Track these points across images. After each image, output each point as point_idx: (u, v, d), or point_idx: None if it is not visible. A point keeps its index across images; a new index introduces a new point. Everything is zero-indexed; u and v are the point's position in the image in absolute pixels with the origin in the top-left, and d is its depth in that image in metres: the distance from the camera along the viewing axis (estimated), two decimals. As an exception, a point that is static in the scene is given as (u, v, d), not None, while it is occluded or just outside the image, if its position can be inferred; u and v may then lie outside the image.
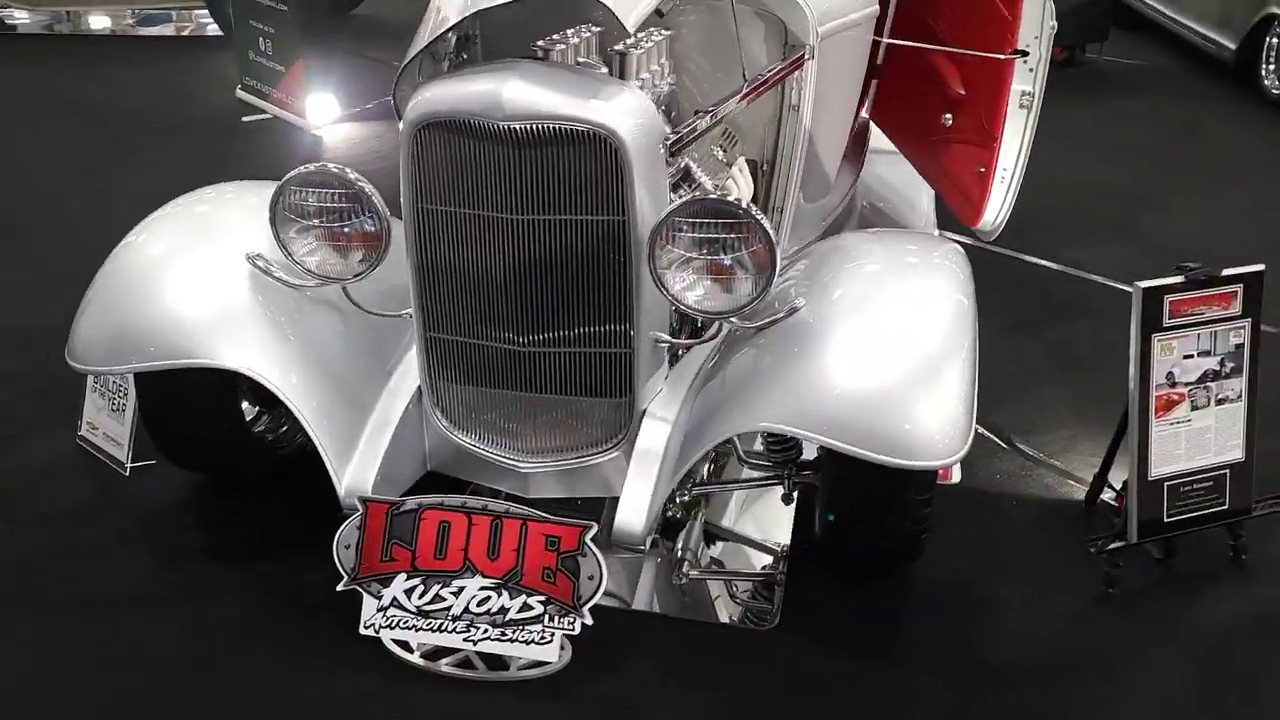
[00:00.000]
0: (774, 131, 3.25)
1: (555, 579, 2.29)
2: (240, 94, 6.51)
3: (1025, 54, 3.59)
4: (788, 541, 2.76)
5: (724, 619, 2.63)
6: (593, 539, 2.31)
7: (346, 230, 2.55)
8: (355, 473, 2.55)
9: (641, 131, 2.38)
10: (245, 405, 2.81)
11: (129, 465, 2.96)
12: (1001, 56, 3.51)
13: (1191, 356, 2.47)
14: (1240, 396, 2.53)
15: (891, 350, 2.30)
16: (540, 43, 2.54)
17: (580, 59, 2.57)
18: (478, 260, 2.46)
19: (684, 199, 2.38)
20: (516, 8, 2.43)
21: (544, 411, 2.61)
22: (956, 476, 3.05)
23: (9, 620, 2.51)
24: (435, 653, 2.32)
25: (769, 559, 2.80)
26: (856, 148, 4.50)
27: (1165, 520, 2.53)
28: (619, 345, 2.52)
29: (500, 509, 2.35)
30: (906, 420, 2.20)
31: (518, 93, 2.30)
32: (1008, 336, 3.82)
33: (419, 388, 2.67)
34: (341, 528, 2.37)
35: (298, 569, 2.57)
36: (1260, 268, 2.48)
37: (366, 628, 2.32)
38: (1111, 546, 2.54)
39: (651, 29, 2.83)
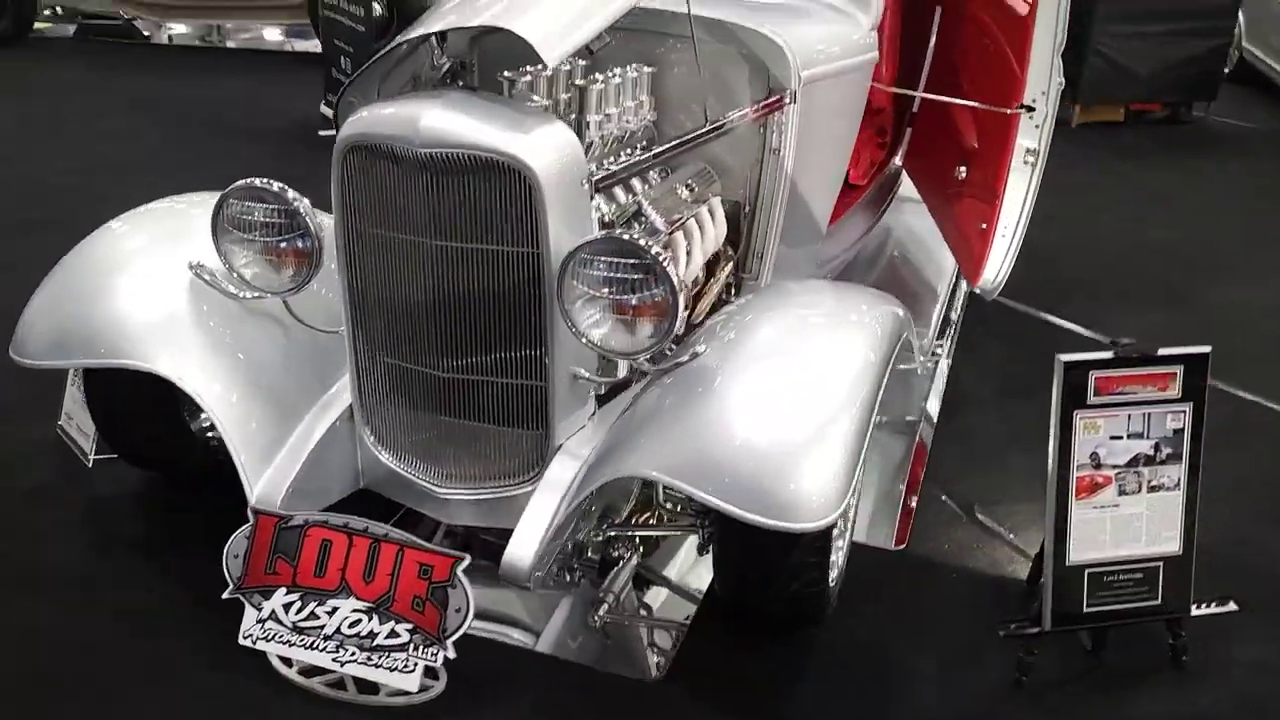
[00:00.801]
0: (756, 174, 3.20)
1: (424, 608, 2.29)
2: (324, 109, 6.78)
3: (1031, 109, 3.45)
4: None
5: (643, 667, 2.57)
6: (464, 570, 2.30)
7: (282, 245, 2.62)
8: (269, 483, 2.59)
9: (558, 165, 2.37)
10: (193, 407, 2.89)
11: (92, 457, 3.09)
12: (1007, 111, 3.39)
13: (1120, 438, 2.31)
14: (1178, 485, 2.36)
15: (779, 405, 2.23)
16: (507, 73, 2.57)
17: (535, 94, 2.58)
18: (401, 283, 2.49)
19: (592, 236, 2.37)
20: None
21: (462, 438, 2.62)
22: (903, 539, 2.94)
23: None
24: (310, 670, 2.34)
25: (693, 608, 2.74)
26: (880, 195, 4.40)
27: (1085, 610, 2.37)
28: (534, 377, 2.51)
29: (380, 532, 2.36)
30: (780, 479, 2.12)
31: (435, 120, 2.33)
32: (1002, 399, 3.67)
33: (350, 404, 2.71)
34: (232, 537, 2.42)
35: (218, 567, 2.63)
36: (1205, 350, 2.31)
37: (245, 638, 2.35)
38: (1025, 631, 2.39)
39: (632, 65, 2.84)
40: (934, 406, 3.62)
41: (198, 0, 9.29)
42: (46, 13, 9.81)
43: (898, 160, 4.60)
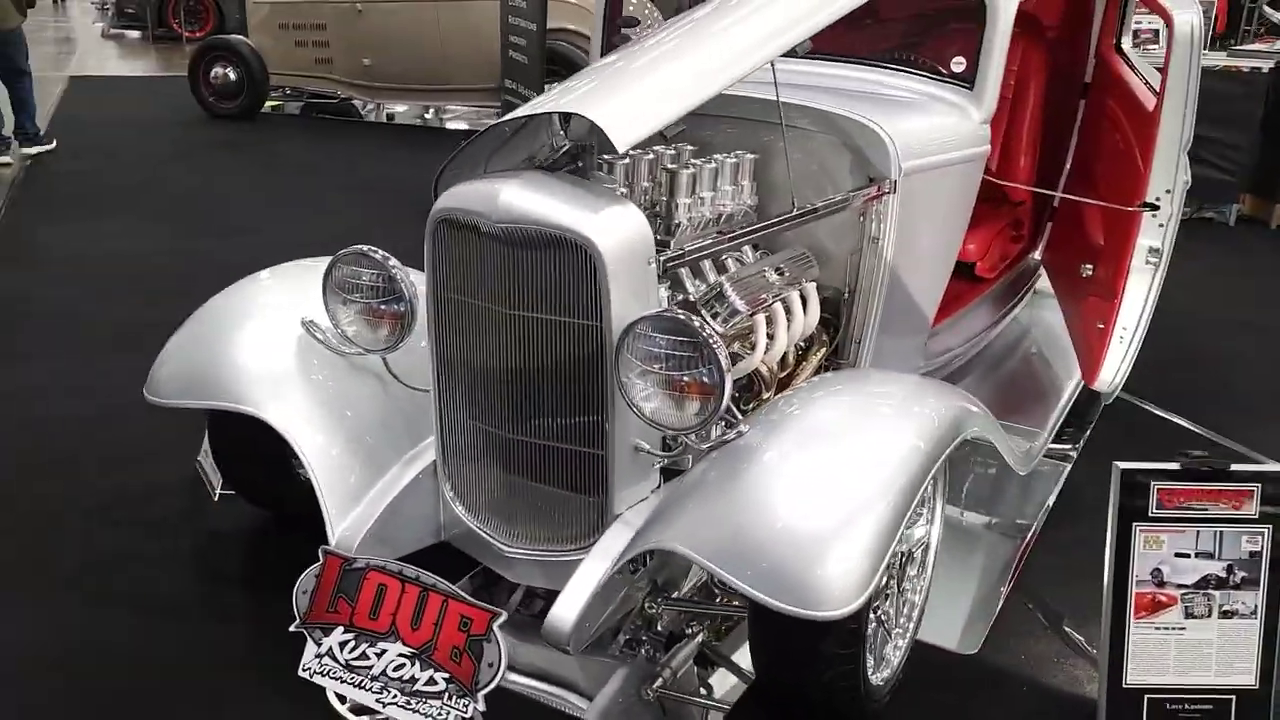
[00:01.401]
0: (855, 261, 3.21)
1: (461, 659, 2.38)
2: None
3: (1155, 208, 3.31)
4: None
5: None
6: (499, 626, 2.37)
7: (381, 307, 2.83)
8: (349, 527, 2.76)
9: (623, 243, 2.47)
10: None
11: (218, 492, 3.37)
12: (1129, 209, 3.26)
13: (1187, 556, 2.17)
14: (1255, 613, 2.18)
15: (812, 489, 2.22)
16: (606, 157, 2.72)
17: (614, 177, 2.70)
18: (480, 348, 2.64)
19: (650, 312, 2.44)
20: None
21: (530, 500, 2.72)
22: (976, 646, 2.82)
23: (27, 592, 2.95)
24: (360, 709, 2.46)
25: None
26: (1011, 290, 4.29)
27: (1143, 737, 2.22)
28: (595, 445, 2.59)
29: (430, 582, 2.47)
30: (799, 564, 2.10)
31: (512, 198, 2.48)
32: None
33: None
34: (304, 574, 2.58)
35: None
36: (1286, 467, 2.16)
37: (303, 671, 2.50)
38: (1073, 753, 2.25)
39: (735, 151, 2.94)
40: (1043, 512, 3.46)
41: (402, 83, 10.07)
42: (275, 92, 10.85)
43: (1038, 254, 4.48)
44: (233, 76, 10.32)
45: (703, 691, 2.78)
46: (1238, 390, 4.60)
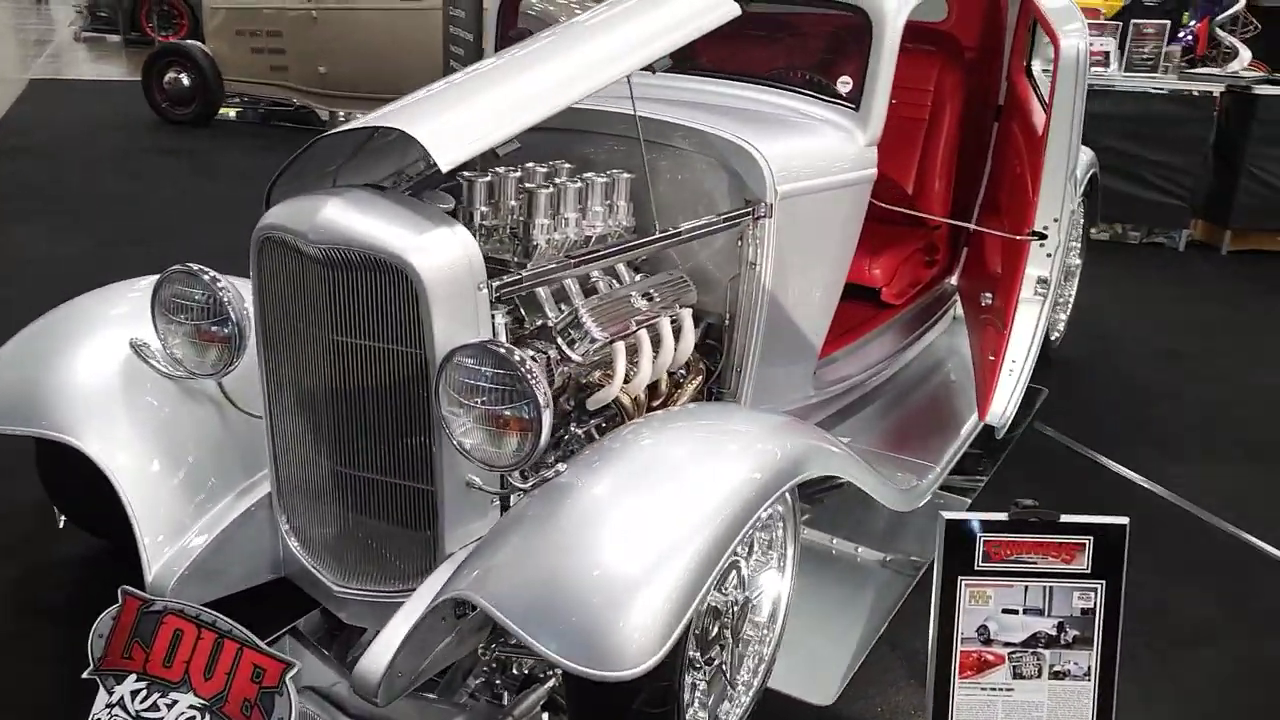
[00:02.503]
0: (735, 287, 3.08)
1: (251, 713, 2.22)
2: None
3: (1043, 236, 3.17)
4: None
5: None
6: (292, 679, 2.22)
7: (212, 329, 2.68)
8: (169, 562, 2.61)
9: (446, 266, 2.33)
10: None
11: (62, 520, 3.20)
12: (1017, 237, 3.13)
13: (1015, 612, 2.03)
14: (1088, 674, 2.04)
15: (614, 536, 2.07)
16: (466, 174, 2.58)
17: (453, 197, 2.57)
18: (307, 374, 2.51)
19: (467, 343, 2.29)
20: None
21: (362, 535, 2.58)
22: (831, 697, 2.67)
23: None
24: (153, 760, 2.31)
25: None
26: (921, 317, 4.15)
27: (971, 806, 2.07)
28: (422, 480, 2.46)
29: (226, 628, 2.32)
30: (593, 619, 1.95)
31: (331, 216, 2.35)
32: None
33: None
34: (101, 616, 2.43)
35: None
36: (1122, 521, 2.01)
37: (92, 720, 2.35)
38: (898, 823, 2.10)
39: (612, 170, 2.81)
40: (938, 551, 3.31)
41: (355, 90, 9.92)
42: (233, 99, 10.71)
43: (954, 280, 4.34)
44: (186, 82, 10.19)
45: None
46: (1165, 423, 4.47)
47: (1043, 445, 4.12)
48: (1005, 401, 3.26)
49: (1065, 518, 2.00)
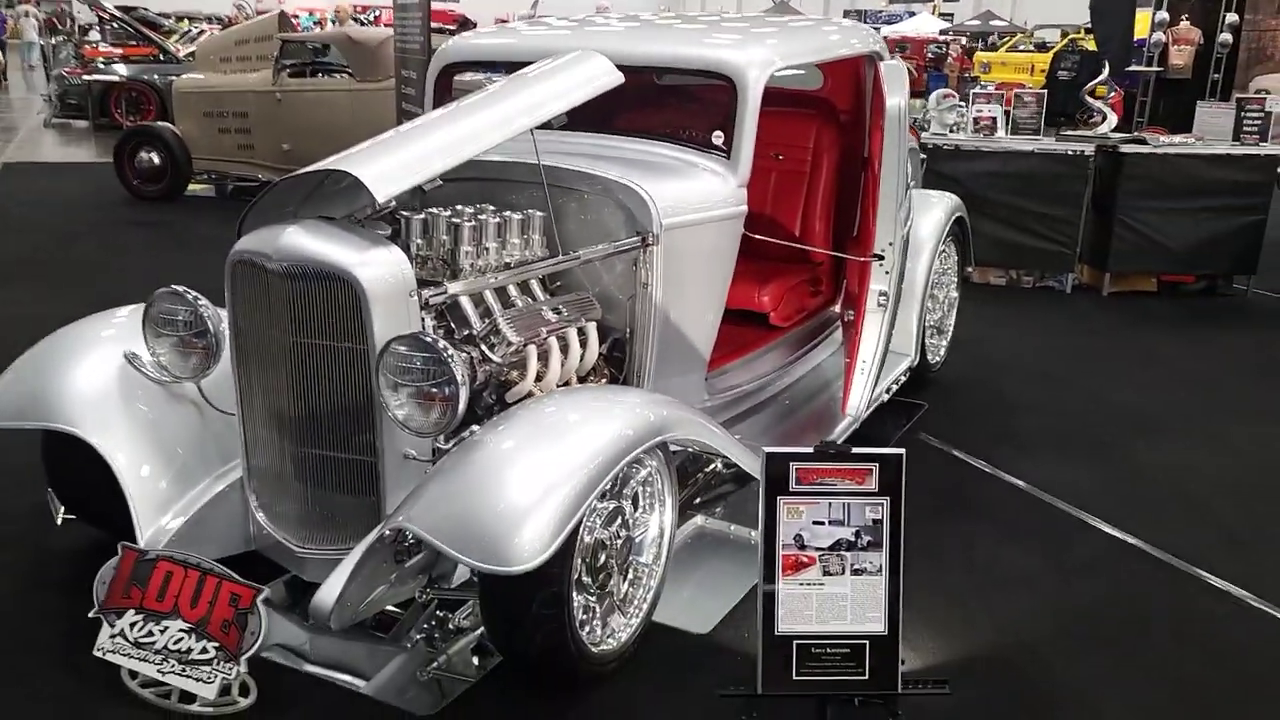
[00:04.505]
0: (632, 305, 3.71)
1: (229, 630, 2.78)
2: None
3: (881, 258, 3.85)
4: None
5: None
6: (263, 601, 2.78)
7: (194, 340, 3.29)
8: (157, 530, 3.18)
9: (383, 277, 2.95)
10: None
11: (61, 517, 3.73)
12: (860, 259, 3.80)
13: (822, 523, 2.64)
14: (880, 570, 2.65)
15: (514, 474, 2.69)
16: (405, 213, 3.24)
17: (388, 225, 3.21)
18: (273, 371, 3.10)
19: (400, 334, 2.90)
20: None
21: (319, 505, 3.15)
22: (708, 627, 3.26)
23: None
24: (148, 682, 2.85)
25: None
26: (806, 338, 4.80)
27: (795, 678, 2.65)
28: (366, 454, 3.05)
29: (208, 567, 2.88)
30: (495, 529, 2.56)
31: (290, 240, 2.97)
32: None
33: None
34: (104, 567, 2.98)
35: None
36: (900, 451, 2.64)
37: (97, 650, 2.88)
38: (739, 694, 2.67)
39: (529, 210, 3.44)
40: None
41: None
42: (201, 177, 11.35)
43: (837, 308, 5.02)
44: (157, 160, 10.81)
45: (476, 673, 3.18)
46: (1027, 430, 5.13)
47: (921, 447, 4.75)
48: (859, 395, 3.90)
49: (856, 450, 2.63)
